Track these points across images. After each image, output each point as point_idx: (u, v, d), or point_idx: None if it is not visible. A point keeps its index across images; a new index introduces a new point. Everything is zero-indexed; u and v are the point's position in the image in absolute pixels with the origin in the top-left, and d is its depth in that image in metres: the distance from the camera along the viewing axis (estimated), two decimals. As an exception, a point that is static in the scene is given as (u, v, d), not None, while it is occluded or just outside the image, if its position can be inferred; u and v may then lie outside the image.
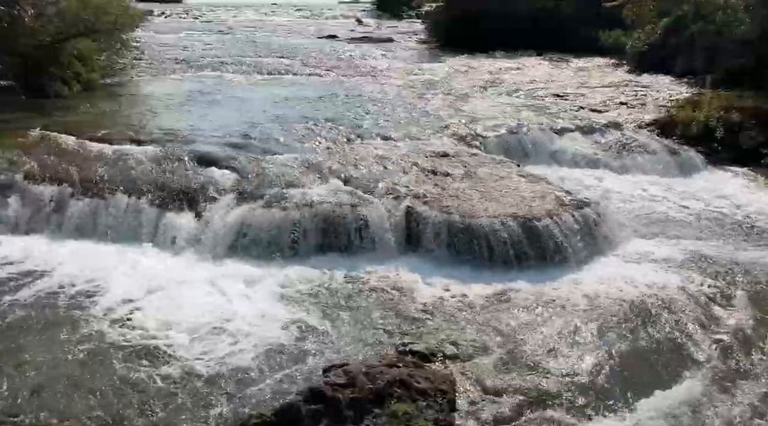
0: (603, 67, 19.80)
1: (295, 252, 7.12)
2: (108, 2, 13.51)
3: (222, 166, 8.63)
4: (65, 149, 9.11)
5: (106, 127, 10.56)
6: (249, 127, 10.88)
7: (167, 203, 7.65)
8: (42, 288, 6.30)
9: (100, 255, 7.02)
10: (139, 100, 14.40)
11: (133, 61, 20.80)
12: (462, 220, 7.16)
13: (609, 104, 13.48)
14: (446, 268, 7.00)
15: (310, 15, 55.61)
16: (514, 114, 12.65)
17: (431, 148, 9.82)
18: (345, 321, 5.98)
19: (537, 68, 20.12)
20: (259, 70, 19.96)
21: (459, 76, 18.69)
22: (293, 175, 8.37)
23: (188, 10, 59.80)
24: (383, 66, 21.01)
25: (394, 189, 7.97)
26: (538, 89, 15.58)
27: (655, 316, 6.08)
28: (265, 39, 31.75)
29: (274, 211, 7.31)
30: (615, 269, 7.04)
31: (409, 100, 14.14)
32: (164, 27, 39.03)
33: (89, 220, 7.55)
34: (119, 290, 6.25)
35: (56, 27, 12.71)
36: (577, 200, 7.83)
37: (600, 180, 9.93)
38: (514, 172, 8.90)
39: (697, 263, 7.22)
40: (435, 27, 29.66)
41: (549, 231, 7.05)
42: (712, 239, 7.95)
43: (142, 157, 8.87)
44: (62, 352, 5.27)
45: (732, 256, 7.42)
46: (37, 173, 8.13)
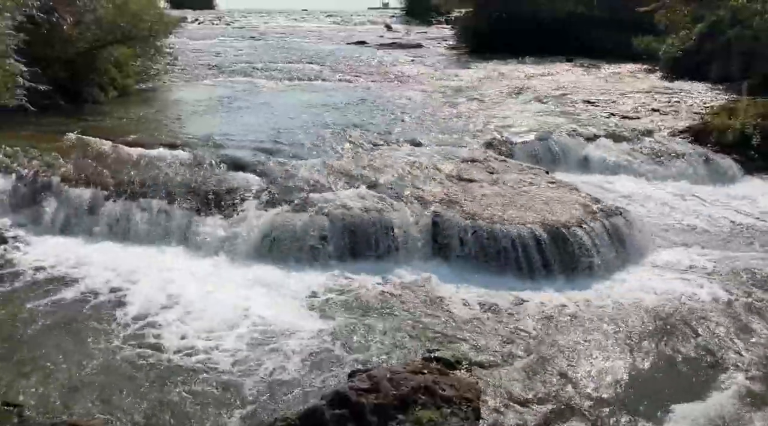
0: (635, 73, 19.50)
1: (322, 257, 7.17)
2: (144, 10, 13.82)
3: (251, 171, 8.75)
4: (100, 153, 9.33)
5: (139, 132, 10.82)
6: (278, 132, 11.02)
7: (197, 207, 7.78)
8: (73, 289, 6.46)
9: (130, 257, 7.17)
10: (172, 105, 14.72)
11: (167, 66, 21.25)
12: (489, 227, 7.12)
13: (641, 111, 13.26)
14: (473, 274, 6.98)
15: (340, 21, 55.99)
16: (544, 120, 12.55)
17: (459, 154, 9.80)
18: (370, 327, 5.99)
19: (567, 74, 19.92)
20: (289, 76, 20.20)
21: (488, 82, 18.61)
22: (320, 180, 8.44)
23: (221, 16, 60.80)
24: (412, 72, 21.04)
25: (420, 195, 7.98)
26: (568, 95, 15.41)
27: (685, 327, 5.95)
28: (296, 45, 32.11)
29: (301, 215, 7.38)
30: (645, 278, 6.92)
31: (438, 106, 14.15)
32: (197, 33, 39.81)
33: (122, 222, 7.72)
34: (148, 293, 6.37)
35: (94, 34, 13.04)
36: (607, 208, 7.72)
37: (631, 188, 9.78)
38: (543, 179, 8.82)
39: (729, 273, 7.05)
40: (464, 33, 29.62)
41: (577, 239, 6.97)
42: (745, 249, 7.74)
43: (173, 161, 9.04)
44: (91, 353, 5.39)
45: (765, 267, 7.21)
46: (73, 176, 8.35)
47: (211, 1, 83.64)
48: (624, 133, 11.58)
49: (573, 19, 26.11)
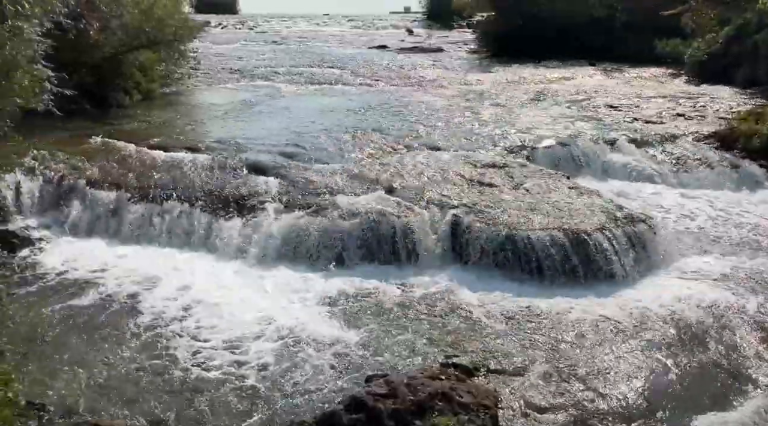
0: (659, 77, 19.24)
1: (341, 261, 7.19)
2: (169, 15, 14.03)
3: (271, 174, 8.82)
4: (125, 156, 9.49)
5: (162, 135, 10.98)
6: (298, 137, 11.09)
7: (218, 210, 7.87)
8: (96, 291, 6.55)
9: (152, 260, 7.26)
10: (195, 109, 14.91)
11: (191, 71, 21.56)
12: (508, 233, 7.08)
13: (665, 116, 13.07)
14: (492, 280, 6.93)
15: (361, 25, 56.14)
16: (565, 125, 12.44)
17: (479, 159, 9.76)
18: (388, 331, 5.98)
19: (590, 78, 19.73)
20: (311, 80, 20.31)
21: (509, 86, 18.51)
22: (340, 184, 8.47)
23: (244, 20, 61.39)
24: (433, 76, 21.02)
25: (440, 199, 7.96)
26: (590, 100, 15.26)
27: (709, 336, 5.84)
28: (317, 49, 32.29)
29: (320, 219, 7.41)
30: (668, 286, 6.80)
31: (458, 111, 14.11)
32: (221, 38, 40.24)
33: (144, 225, 7.84)
34: (169, 297, 6.44)
35: (120, 39, 13.28)
36: (630, 214, 7.61)
37: (655, 194, 9.65)
38: (564, 185, 8.74)
39: (755, 281, 6.89)
40: (486, 37, 29.50)
41: (599, 245, 6.89)
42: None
43: (195, 164, 9.16)
44: (112, 355, 5.45)
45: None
46: (98, 179, 8.50)
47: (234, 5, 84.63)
48: (647, 139, 11.41)
49: (595, 23, 25.86)
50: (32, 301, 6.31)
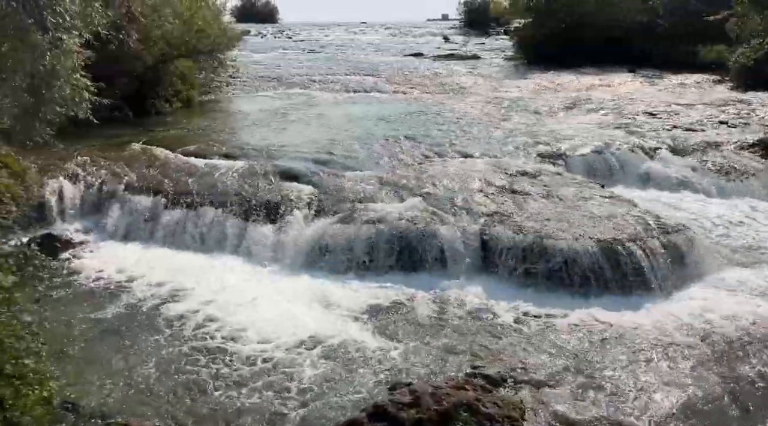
0: (702, 84, 18.72)
1: (369, 268, 7.21)
2: (208, 25, 14.37)
3: (303, 181, 8.91)
4: (162, 162, 9.74)
5: (199, 142, 11.22)
6: (331, 144, 11.18)
7: (250, 215, 7.99)
8: (131, 293, 6.74)
9: (186, 264, 7.42)
10: (232, 116, 15.20)
11: (229, 79, 22.04)
12: (539, 242, 6.97)
13: (706, 123, 12.70)
14: (522, 290, 6.84)
15: (398, 33, 56.37)
16: (601, 133, 12.21)
17: (511, 167, 9.66)
18: (415, 340, 5.96)
19: (628, 85, 19.34)
20: (346, 88, 20.49)
21: (545, 93, 18.30)
22: (370, 191, 8.50)
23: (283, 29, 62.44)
24: (467, 83, 20.95)
25: (470, 207, 7.91)
26: (628, 107, 14.95)
27: (746, 352, 5.62)
28: (353, 57, 32.56)
29: (349, 226, 7.45)
30: (705, 298, 6.58)
31: (492, 118, 14.02)
32: (260, 46, 41.01)
33: (179, 229, 8.02)
34: (200, 299, 6.57)
35: (161, 49, 13.66)
36: (666, 224, 7.42)
37: (694, 204, 9.36)
38: (598, 194, 8.58)
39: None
40: (522, 44, 29.22)
41: (632, 256, 6.72)
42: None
43: (230, 171, 9.32)
44: (145, 357, 5.59)
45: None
46: (136, 184, 8.75)
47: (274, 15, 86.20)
48: (688, 147, 11.11)
49: (636, 29, 25.38)
50: (70, 303, 6.52)
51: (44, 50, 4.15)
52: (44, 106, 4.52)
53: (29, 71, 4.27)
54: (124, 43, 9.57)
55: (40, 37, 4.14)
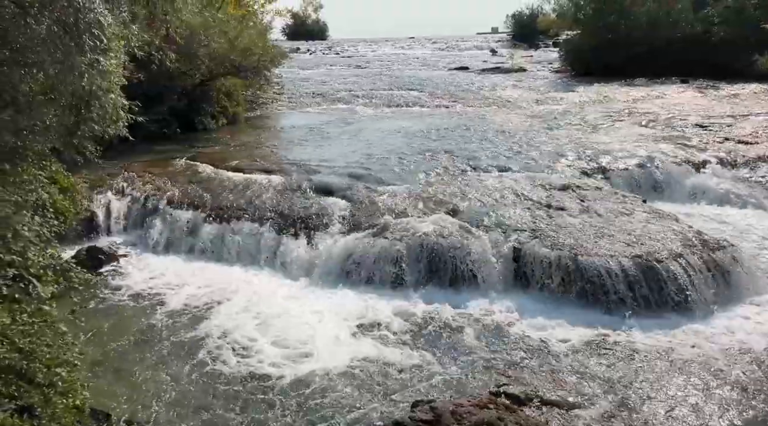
0: (759, 94, 17.95)
1: (401, 282, 7.20)
2: (253, 43, 14.78)
3: (338, 196, 9.00)
4: (204, 177, 10.04)
5: (241, 158, 11.52)
6: (368, 158, 11.27)
7: (285, 230, 8.12)
8: (170, 305, 6.94)
9: (223, 277, 7.60)
10: (275, 132, 15.52)
11: (275, 95, 22.60)
12: (573, 258, 6.81)
13: (761, 135, 12.15)
14: (554, 307, 6.68)
15: (445, 47, 56.47)
16: (647, 146, 11.85)
17: (550, 181, 9.49)
18: (443, 356, 5.90)
19: (680, 96, 18.74)
20: (389, 103, 20.65)
21: (591, 105, 17.94)
22: (403, 205, 8.51)
23: (331, 45, 63.59)
24: (511, 96, 20.76)
25: (504, 222, 7.81)
26: (677, 118, 14.47)
27: (795, 379, 5.31)
28: (398, 72, 32.80)
29: (380, 241, 7.46)
30: (750, 321, 6.27)
31: (534, 131, 13.82)
32: (308, 62, 41.90)
33: (217, 242, 8.23)
34: (235, 312, 6.71)
35: (208, 67, 14.14)
36: (709, 241, 7.12)
37: (743, 219, 8.95)
38: (639, 209, 8.32)
39: None
40: (570, 55, 28.80)
41: (671, 274, 6.47)
42: None
43: (268, 185, 9.52)
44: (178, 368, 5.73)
45: None
46: (178, 199, 9.04)
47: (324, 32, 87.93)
48: (739, 160, 10.66)
49: (690, 39, 24.62)
50: (111, 313, 6.77)
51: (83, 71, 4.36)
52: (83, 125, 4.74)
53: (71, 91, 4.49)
54: (164, 63, 9.99)
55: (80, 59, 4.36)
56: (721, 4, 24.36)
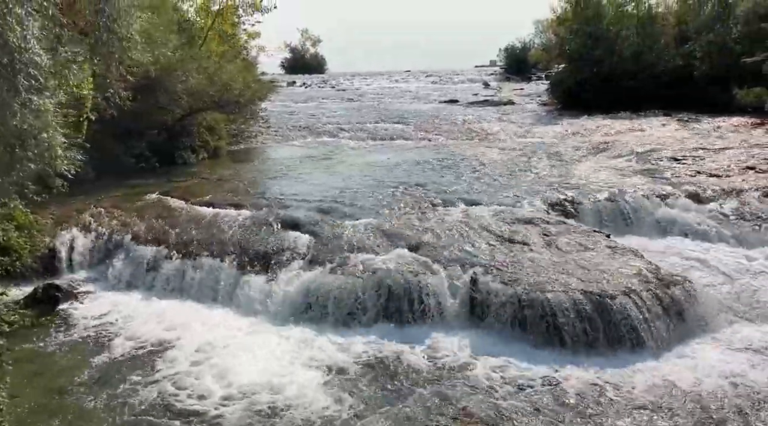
0: (738, 128, 18.07)
1: (356, 319, 7.14)
2: (232, 79, 14.96)
3: (304, 230, 8.97)
4: (173, 212, 10.04)
5: (215, 192, 11.55)
6: (341, 192, 11.30)
7: (246, 266, 8.09)
8: (121, 342, 6.88)
9: (180, 314, 7.55)
10: (255, 165, 15.60)
11: (262, 128, 22.79)
12: (527, 294, 6.76)
13: (733, 168, 12.20)
14: (508, 344, 6.62)
15: (439, 80, 56.95)
16: (620, 179, 11.90)
17: (517, 215, 9.49)
18: (396, 393, 5.85)
19: (660, 129, 18.87)
20: (373, 136, 20.80)
21: (572, 138, 18.07)
22: (367, 240, 8.49)
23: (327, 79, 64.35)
24: (495, 130, 20.92)
25: (464, 257, 7.78)
26: (654, 152, 14.55)
27: (742, 417, 5.21)
28: (389, 105, 33.10)
29: (338, 277, 7.43)
30: (704, 357, 6.20)
31: (510, 165, 13.89)
32: (301, 96, 42.32)
33: (178, 279, 8.19)
34: (188, 351, 6.63)
35: (187, 102, 14.28)
36: (666, 277, 7.08)
37: (708, 253, 8.91)
38: (602, 243, 8.30)
39: (809, 358, 6.13)
40: (556, 89, 29.13)
41: (623, 310, 6.42)
42: (835, 329, 6.73)
43: (235, 220, 9.51)
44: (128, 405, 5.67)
45: None
46: (143, 235, 9.03)
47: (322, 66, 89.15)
48: (708, 193, 10.67)
49: (672, 72, 24.97)
50: (61, 352, 6.71)
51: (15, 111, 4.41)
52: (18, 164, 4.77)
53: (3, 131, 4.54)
54: (122, 101, 10.08)
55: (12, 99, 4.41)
56: (703, 39, 24.74)
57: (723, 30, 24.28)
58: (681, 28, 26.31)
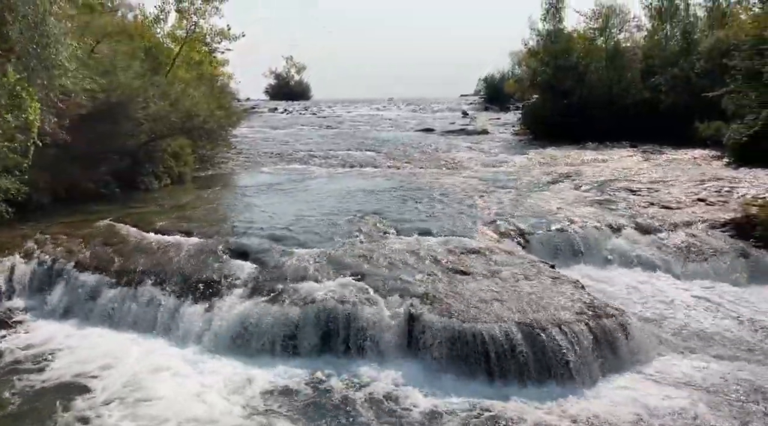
0: (698, 160, 18.51)
1: (292, 350, 7.07)
2: (197, 106, 15.01)
3: (251, 259, 8.91)
4: (122, 239, 9.93)
5: (170, 219, 11.44)
6: (298, 220, 11.28)
7: (186, 295, 8.00)
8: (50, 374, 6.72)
9: (114, 344, 7.40)
10: (219, 192, 15.56)
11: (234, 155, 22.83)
12: (461, 326, 6.76)
13: (685, 201, 12.42)
14: (444, 377, 6.58)
15: (419, 109, 57.69)
16: (576, 210, 12.04)
17: (466, 245, 9.52)
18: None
19: (624, 161, 19.23)
20: (343, 163, 20.94)
21: (536, 168, 18.32)
22: (311, 269, 8.44)
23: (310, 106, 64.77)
24: (463, 158, 21.17)
25: (405, 287, 7.76)
26: (612, 183, 14.78)
27: (660, 454, 5.22)
28: (366, 133, 33.40)
29: (276, 307, 7.37)
30: (632, 390, 6.22)
31: (471, 194, 14.00)
32: (281, 122, 42.58)
33: (116, 308, 8.06)
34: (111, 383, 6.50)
35: (150, 128, 14.29)
36: (600, 308, 7.13)
37: (650, 285, 9.01)
38: (544, 274, 8.35)
39: (733, 388, 6.17)
40: (528, 119, 29.70)
41: (553, 342, 6.43)
42: (765, 362, 6.79)
43: (184, 248, 9.42)
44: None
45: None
46: (86, 262, 8.91)
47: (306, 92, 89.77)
48: (658, 225, 10.84)
49: (639, 105, 25.58)
50: (-17, 383, 6.52)
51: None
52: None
53: None
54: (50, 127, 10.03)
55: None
56: (668, 73, 25.43)
57: (687, 65, 25.03)
58: (648, 62, 27.05)
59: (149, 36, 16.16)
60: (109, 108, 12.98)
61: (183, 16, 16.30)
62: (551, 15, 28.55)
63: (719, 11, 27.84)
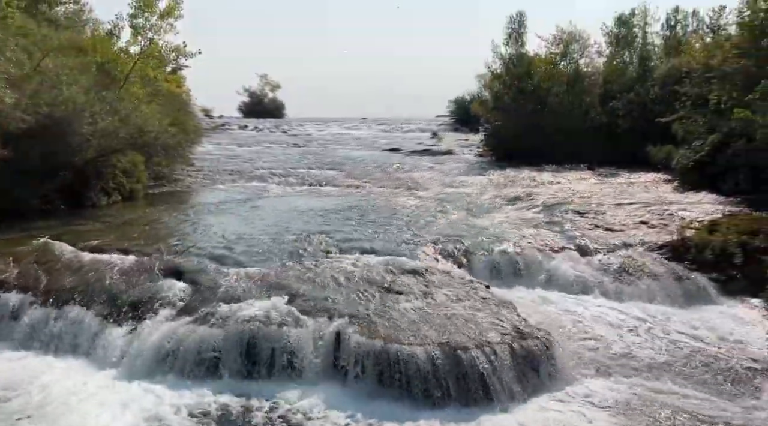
0: (649, 183, 18.88)
1: (215, 373, 6.92)
2: (147, 122, 14.82)
3: (185, 278, 8.76)
4: (55, 258, 9.67)
5: (110, 237, 11.22)
6: (241, 238, 11.16)
7: (112, 315, 7.82)
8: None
9: (32, 366, 7.19)
10: (169, 210, 15.31)
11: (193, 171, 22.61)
12: (384, 346, 6.71)
13: (628, 223, 12.63)
14: (367, 399, 6.51)
15: (389, 129, 58.01)
16: (522, 231, 12.13)
17: (405, 265, 9.49)
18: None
19: (579, 183, 19.52)
20: (302, 182, 20.87)
21: (492, 189, 18.48)
22: (245, 289, 8.33)
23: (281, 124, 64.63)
24: (422, 178, 21.28)
25: (335, 308, 7.70)
26: (563, 205, 14.95)
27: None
28: (332, 152, 33.42)
29: (200, 328, 7.23)
30: (553, 413, 6.22)
31: (424, 214, 14.04)
32: (249, 140, 42.33)
33: (40, 328, 7.82)
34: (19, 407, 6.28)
35: (99, 143, 14.05)
36: (526, 330, 7.16)
37: (585, 306, 9.09)
38: (477, 295, 8.37)
39: (649, 410, 6.22)
40: (492, 140, 30.03)
41: (473, 363, 6.42)
42: (681, 383, 6.88)
43: (117, 266, 9.22)
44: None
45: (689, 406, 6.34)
46: (12, 281, 8.65)
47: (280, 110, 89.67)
48: (598, 247, 10.99)
49: (597, 129, 26.10)
50: None
51: None
52: None
53: None
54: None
55: None
56: (625, 98, 26.04)
57: (643, 90, 25.67)
58: (607, 87, 27.66)
59: (103, 51, 15.94)
60: (53, 123, 12.74)
61: (137, 32, 16.14)
62: (513, 39, 29.07)
63: (675, 39, 28.72)
